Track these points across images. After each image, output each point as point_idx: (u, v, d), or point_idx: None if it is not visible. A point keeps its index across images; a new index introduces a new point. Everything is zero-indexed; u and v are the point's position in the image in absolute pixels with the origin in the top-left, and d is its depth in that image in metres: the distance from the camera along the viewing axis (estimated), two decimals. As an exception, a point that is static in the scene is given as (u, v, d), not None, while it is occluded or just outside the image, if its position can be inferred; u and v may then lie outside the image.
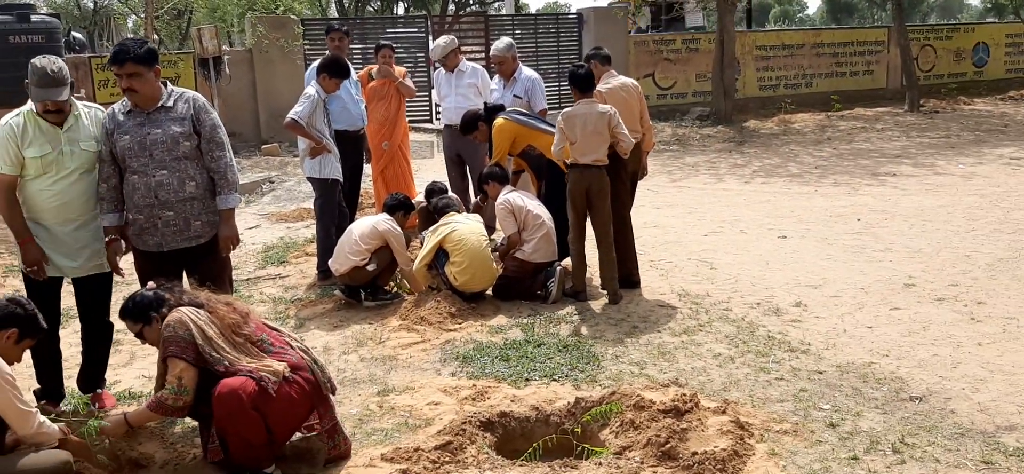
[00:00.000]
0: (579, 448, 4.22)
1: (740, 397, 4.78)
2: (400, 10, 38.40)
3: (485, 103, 8.01)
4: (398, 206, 7.02)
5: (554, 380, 5.10)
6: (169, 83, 4.80)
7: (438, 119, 18.08)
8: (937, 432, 4.34)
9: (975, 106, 19.89)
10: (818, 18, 66.68)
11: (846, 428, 4.40)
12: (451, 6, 28.02)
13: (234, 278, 5.63)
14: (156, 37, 17.93)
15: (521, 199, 6.93)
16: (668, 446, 4.04)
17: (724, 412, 4.34)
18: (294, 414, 4.01)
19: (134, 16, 30.19)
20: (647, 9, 24.02)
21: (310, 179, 7.45)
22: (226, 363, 3.87)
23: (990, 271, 7.17)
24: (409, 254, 6.96)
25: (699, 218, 9.75)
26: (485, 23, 19.47)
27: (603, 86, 6.96)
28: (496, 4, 34.61)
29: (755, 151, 15.04)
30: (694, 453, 3.98)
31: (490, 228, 7.54)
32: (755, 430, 4.30)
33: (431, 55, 8.90)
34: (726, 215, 9.85)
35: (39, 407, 4.04)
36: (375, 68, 8.81)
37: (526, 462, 4.13)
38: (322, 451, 4.18)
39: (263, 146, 15.37)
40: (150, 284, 4.21)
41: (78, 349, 5.20)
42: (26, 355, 4.07)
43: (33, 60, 4.53)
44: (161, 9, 17.76)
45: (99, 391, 4.98)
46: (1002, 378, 4.99)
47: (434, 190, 7.58)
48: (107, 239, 4.73)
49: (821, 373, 5.13)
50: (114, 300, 4.98)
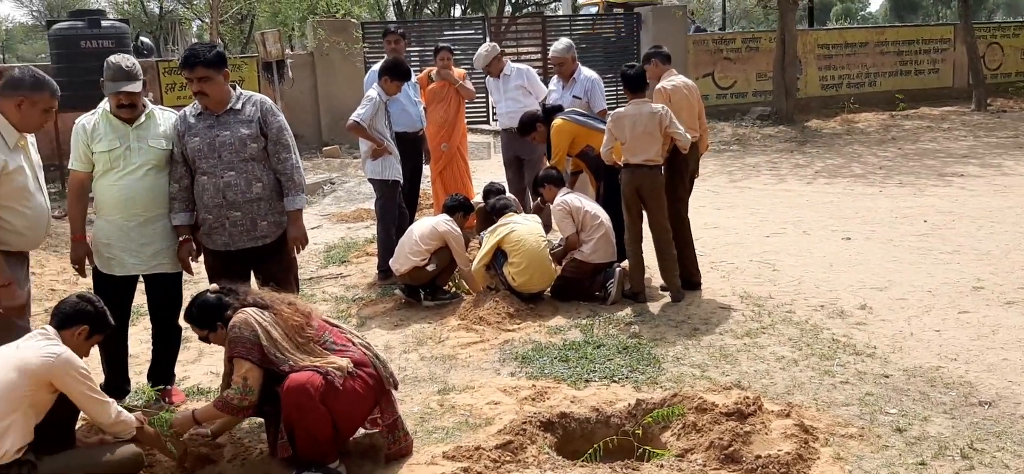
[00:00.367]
0: (640, 450, 4.20)
1: (804, 400, 4.71)
2: (457, 12, 38.60)
3: (543, 104, 8.02)
4: (458, 207, 7.07)
5: (614, 381, 5.09)
6: (238, 86, 4.91)
7: (495, 121, 18.20)
8: (1007, 437, 4.23)
9: (1045, 105, 19.33)
10: (881, 16, 65.35)
11: (913, 433, 4.31)
12: (508, 7, 28.07)
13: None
14: (221, 41, 18.29)
15: (578, 200, 6.93)
16: (731, 449, 4.00)
17: (788, 415, 4.28)
18: (359, 408, 4.06)
19: (199, 21, 30.83)
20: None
21: (371, 180, 7.54)
22: (290, 363, 3.94)
23: (1064, 274, 6.96)
24: (468, 255, 7.00)
25: (761, 219, 9.63)
26: (542, 24, 19.49)
27: (668, 83, 6.93)
28: (553, 5, 34.60)
29: (817, 151, 14.80)
30: (758, 456, 3.94)
31: (546, 229, 7.55)
32: (820, 434, 4.24)
33: (474, 64, 8.93)
34: (788, 216, 9.72)
35: None
36: (434, 70, 8.89)
37: (587, 463, 4.12)
38: (386, 451, 4.22)
39: (324, 148, 15.60)
40: (213, 286, 4.30)
41: (148, 346, 5.35)
42: (94, 350, 4.19)
43: (108, 57, 4.70)
44: (225, 14, 18.12)
45: (168, 387, 5.11)
46: (1078, 384, 4.85)
47: (492, 191, 7.62)
48: (181, 238, 4.86)
49: (887, 377, 5.04)
50: (188, 297, 5.09)
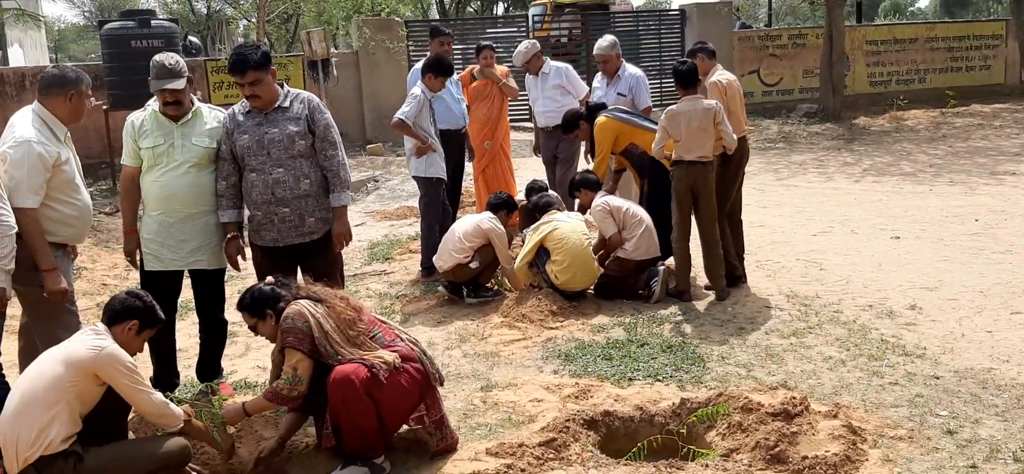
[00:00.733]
0: (685, 449, 4.18)
1: (852, 401, 4.65)
2: (500, 10, 38.66)
3: (586, 102, 7.99)
4: (501, 205, 7.08)
5: (658, 380, 5.06)
6: (285, 84, 4.97)
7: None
8: (1064, 442, 4.14)
9: (1101, 101, 18.83)
10: (931, 11, 64.12)
11: (964, 435, 4.23)
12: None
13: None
14: (267, 41, 18.52)
15: (617, 199, 6.91)
16: (777, 449, 3.96)
17: (835, 416, 4.23)
18: (404, 402, 4.09)
19: (245, 20, 31.24)
20: None
21: (415, 178, 7.58)
22: (340, 356, 3.99)
23: (1123, 275, 6.78)
24: (511, 252, 7.01)
25: (807, 218, 9.51)
26: (583, 22, 19.39)
27: (722, 77, 6.88)
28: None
29: (866, 149, 14.57)
30: (804, 457, 3.90)
31: None
32: (868, 435, 4.18)
33: (513, 61, 8.88)
34: (836, 215, 9.58)
35: None
36: (477, 68, 8.90)
37: (631, 461, 4.11)
38: (429, 444, 4.25)
39: (368, 146, 15.71)
40: (268, 279, 4.36)
41: (197, 340, 5.44)
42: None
43: (154, 57, 4.80)
44: (272, 14, 18.34)
45: (217, 380, 5.19)
46: None
47: (535, 188, 7.60)
48: (228, 236, 4.93)
49: (938, 378, 4.95)
50: (233, 293, 5.17)
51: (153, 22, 12.69)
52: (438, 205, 7.50)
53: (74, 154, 4.59)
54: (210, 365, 5.25)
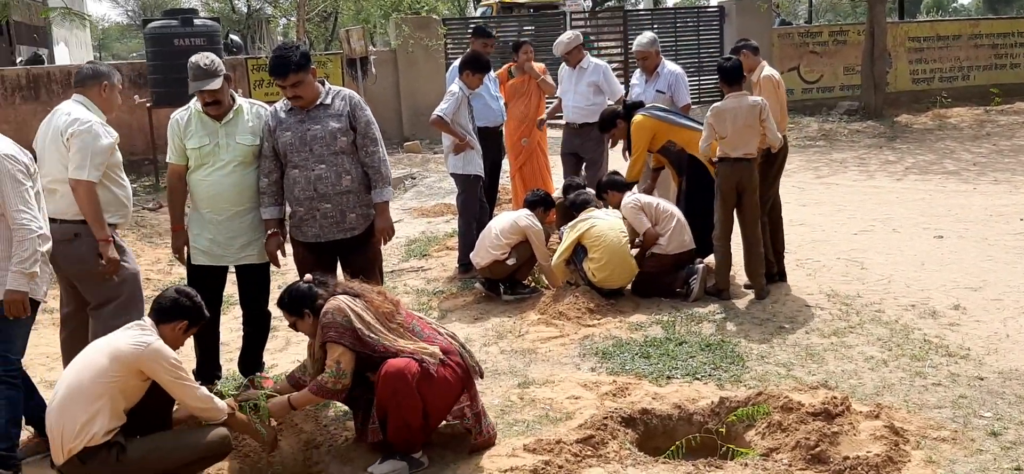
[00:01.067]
0: (723, 448, 4.16)
1: (894, 402, 4.60)
2: (537, 8, 38.52)
3: (623, 100, 7.95)
4: (539, 202, 7.07)
5: (697, 379, 5.04)
6: (326, 81, 5.01)
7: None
8: (1114, 446, 4.05)
9: None
10: (974, 8, 62.96)
11: (1009, 437, 4.17)
12: (588, 2, 27.79)
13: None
14: (307, 39, 18.68)
15: (646, 196, 6.89)
16: (818, 449, 3.93)
17: (877, 417, 4.18)
18: (449, 396, 4.13)
19: (285, 19, 31.52)
20: None
21: (453, 175, 7.61)
22: (384, 344, 4.02)
23: None
24: (548, 250, 7.01)
25: (848, 216, 9.40)
26: (623, 18, 19.32)
27: (775, 74, 6.83)
28: (634, -1, 34.30)
29: (908, 147, 14.36)
30: (846, 458, 3.86)
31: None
32: (910, 436, 4.13)
33: (554, 50, 8.72)
34: (877, 213, 9.46)
35: None
36: (514, 65, 8.90)
37: (669, 459, 4.10)
38: (467, 439, 4.27)
39: (405, 143, 15.79)
40: (307, 277, 4.41)
41: (238, 333, 5.51)
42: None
43: (190, 58, 4.87)
44: (311, 13, 18.49)
45: (258, 374, 5.25)
46: None
47: (572, 186, 7.59)
48: (269, 232, 4.99)
49: (982, 379, 4.87)
50: (273, 288, 5.24)
51: (195, 21, 12.86)
52: (476, 202, 7.52)
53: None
54: (252, 359, 5.32)
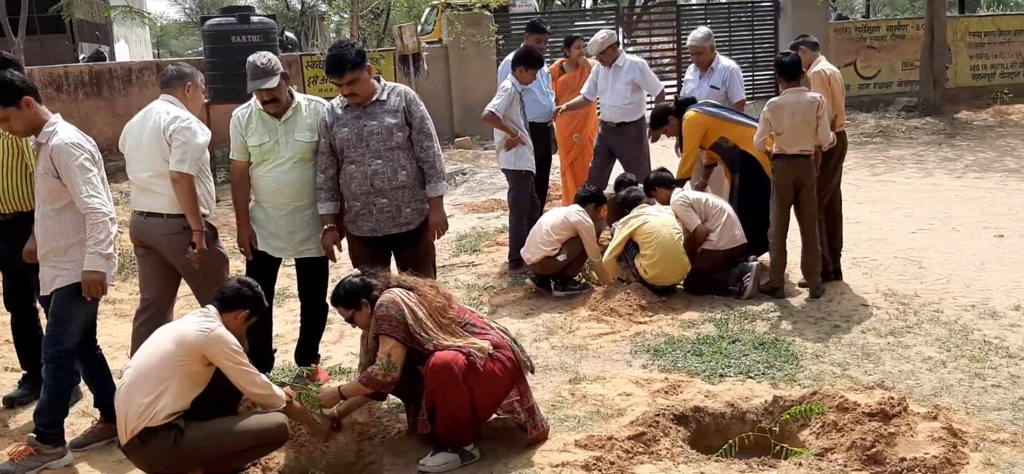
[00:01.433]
0: (777, 447, 4.12)
1: (952, 403, 4.51)
2: (589, 3, 38.47)
3: (675, 96, 7.89)
4: (590, 198, 7.06)
5: (750, 377, 4.99)
6: (381, 77, 5.07)
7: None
8: None
9: None
10: (1039, 1, 61.22)
11: (1073, 442, 4.06)
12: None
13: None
14: (360, 36, 18.86)
15: (695, 191, 6.83)
16: (874, 450, 3.87)
17: (935, 418, 4.10)
18: (497, 390, 4.15)
19: (337, 16, 31.85)
20: None
21: (504, 171, 7.64)
22: (434, 342, 4.06)
23: None
24: (599, 246, 7.00)
25: (906, 214, 9.22)
26: (676, 14, 19.15)
27: (826, 68, 6.74)
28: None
29: (967, 144, 14.03)
30: (902, 459, 3.80)
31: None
32: (969, 438, 4.05)
33: (588, 49, 8.55)
34: (936, 212, 9.27)
35: None
36: (566, 61, 8.89)
37: (722, 458, 4.07)
38: (519, 433, 4.29)
39: (456, 139, 15.87)
40: (355, 271, 4.47)
41: (293, 326, 5.61)
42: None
43: (248, 58, 4.96)
44: (365, 10, 18.67)
45: (313, 365, 5.34)
46: None
47: (624, 182, 7.56)
48: (326, 227, 5.06)
49: (1045, 382, 4.75)
50: (334, 283, 5.31)
51: (252, 18, 13.06)
52: (527, 198, 7.54)
53: None
54: (308, 350, 5.41)
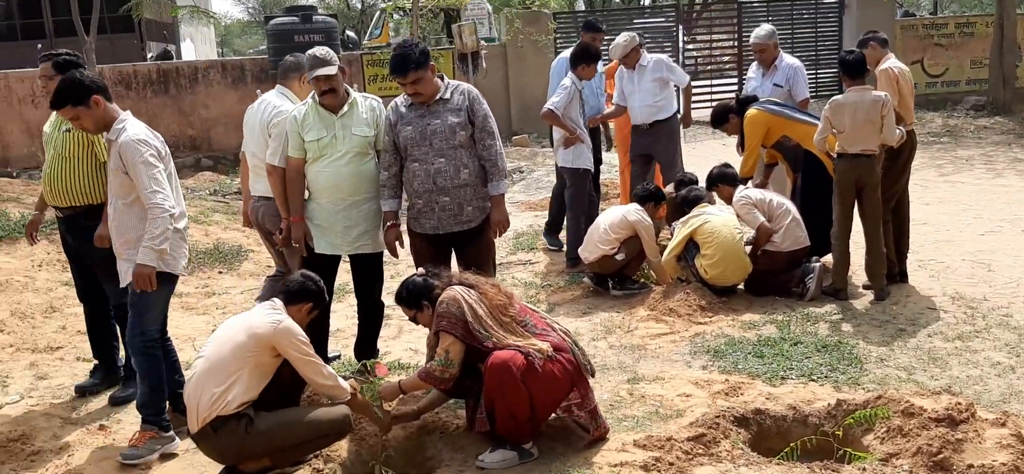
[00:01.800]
0: (840, 452, 4.06)
1: (1022, 410, 4.39)
2: (647, 1, 38.17)
3: (736, 95, 7.80)
4: (649, 196, 7.02)
5: (812, 380, 4.92)
6: (444, 76, 5.11)
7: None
8: None
9: None
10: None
11: None
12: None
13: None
14: (421, 34, 19.00)
15: (758, 191, 6.73)
16: (940, 456, 3.79)
17: (1004, 424, 3.99)
18: (556, 391, 4.15)
19: (397, 14, 32.12)
20: None
21: (562, 169, 7.63)
22: (493, 340, 4.09)
23: None
24: (657, 245, 6.95)
25: (974, 216, 8.99)
26: (737, 11, 18.93)
27: (894, 66, 6.62)
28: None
29: (1039, 144, 13.64)
30: (970, 466, 3.71)
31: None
32: (1039, 446, 3.93)
33: (611, 53, 8.39)
34: (1005, 213, 9.01)
35: None
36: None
37: (783, 461, 4.02)
38: (578, 433, 4.29)
39: (514, 137, 15.91)
40: (419, 270, 4.52)
41: (352, 321, 5.69)
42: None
43: (307, 52, 5.11)
44: (425, 9, 18.79)
45: (372, 360, 5.40)
46: None
47: (684, 181, 7.51)
48: (388, 224, 5.13)
49: (1122, 391, 4.60)
50: (392, 280, 5.38)
51: (314, 17, 13.28)
52: (585, 196, 7.53)
53: None
54: (367, 346, 5.47)
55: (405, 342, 6.01)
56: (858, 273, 6.57)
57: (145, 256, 4.31)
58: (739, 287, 6.55)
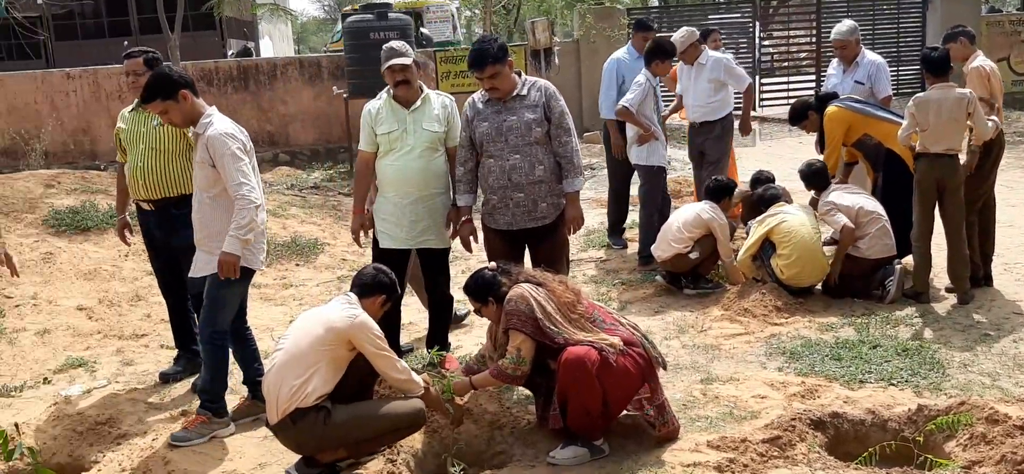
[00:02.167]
0: (921, 458, 3.96)
1: (1115, 421, 4.21)
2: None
3: (815, 92, 7.65)
4: (719, 190, 6.90)
5: (892, 384, 4.81)
6: (522, 73, 5.13)
7: (762, 107, 17.59)
8: None
9: None
10: None
11: None
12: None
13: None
14: (493, 31, 19.10)
15: (851, 195, 6.54)
16: (1027, 466, 3.67)
17: (1095, 435, 3.85)
18: (629, 386, 4.14)
19: (468, 11, 32.30)
20: None
21: (636, 166, 7.58)
22: (564, 336, 4.09)
23: None
24: (732, 245, 6.86)
25: (1063, 219, 8.66)
26: (817, 7, 18.51)
27: (985, 64, 6.42)
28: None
29: None
30: (1058, 477, 3.59)
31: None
32: None
33: None
34: (1097, 217, 8.67)
35: None
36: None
37: (861, 466, 3.95)
38: (648, 430, 4.27)
39: (585, 134, 15.84)
40: (490, 265, 4.55)
41: (421, 315, 5.75)
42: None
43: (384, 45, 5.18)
44: (497, 4, 18.88)
45: (444, 354, 5.45)
46: None
47: (761, 179, 7.39)
48: (463, 219, 5.18)
49: None
50: (456, 274, 5.42)
51: (390, 14, 13.41)
52: (659, 194, 7.47)
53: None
54: (438, 339, 5.53)
55: (476, 336, 6.04)
56: (940, 276, 6.39)
57: (231, 245, 4.42)
58: (816, 288, 6.42)
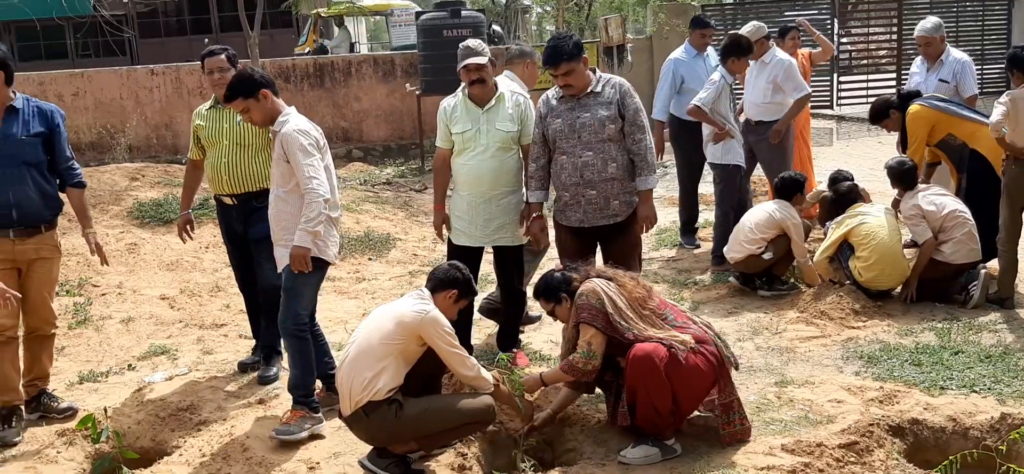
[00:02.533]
0: (1003, 468, 3.84)
1: None
2: (800, -8, 36.85)
3: (897, 90, 7.45)
4: (791, 186, 6.76)
5: (974, 391, 4.67)
6: (597, 69, 5.12)
7: (839, 105, 17.22)
8: None
9: None
10: None
11: None
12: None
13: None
14: (566, 28, 19.07)
15: (937, 198, 6.33)
16: (1119, 480, 3.53)
17: None
18: (699, 385, 4.11)
19: (539, 9, 32.34)
20: None
21: (711, 164, 7.50)
22: (634, 332, 4.07)
23: None
24: (807, 246, 6.73)
25: None
26: (898, 3, 18.04)
27: None
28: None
29: None
30: None
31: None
32: None
33: None
34: None
35: None
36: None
37: (941, 474, 3.85)
38: (721, 432, 4.23)
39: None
40: (557, 265, 4.55)
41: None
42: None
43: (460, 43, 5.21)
44: (569, 2, 18.85)
45: (515, 350, 5.48)
46: None
47: (839, 178, 7.22)
48: (534, 215, 5.19)
49: None
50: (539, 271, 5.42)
51: (463, 12, 13.51)
52: (734, 193, 7.37)
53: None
54: (509, 336, 5.55)
55: (546, 334, 6.05)
56: (1026, 281, 6.18)
57: (301, 238, 4.51)
58: (895, 291, 6.27)
